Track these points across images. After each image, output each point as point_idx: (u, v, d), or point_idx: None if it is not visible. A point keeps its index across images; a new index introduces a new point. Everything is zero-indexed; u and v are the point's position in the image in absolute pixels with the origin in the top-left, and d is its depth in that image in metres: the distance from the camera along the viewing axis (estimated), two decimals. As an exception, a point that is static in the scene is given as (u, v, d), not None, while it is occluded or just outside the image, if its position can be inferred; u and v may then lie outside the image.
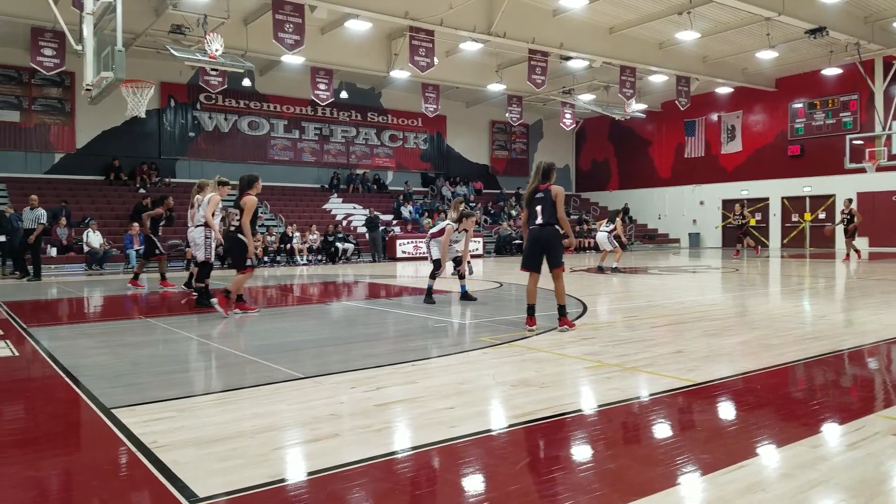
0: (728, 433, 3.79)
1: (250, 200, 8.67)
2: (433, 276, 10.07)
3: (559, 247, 7.12)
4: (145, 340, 7.08)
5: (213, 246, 10.32)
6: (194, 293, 10.57)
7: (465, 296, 10.06)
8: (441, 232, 9.93)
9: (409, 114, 31.85)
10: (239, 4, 18.98)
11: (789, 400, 4.53)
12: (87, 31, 9.92)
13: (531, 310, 7.17)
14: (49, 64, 18.19)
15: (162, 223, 13.32)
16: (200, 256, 10.33)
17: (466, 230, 10.01)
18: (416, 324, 8.14)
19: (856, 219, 19.74)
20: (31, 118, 23.65)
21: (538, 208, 7.07)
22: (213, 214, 10.01)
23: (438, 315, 8.72)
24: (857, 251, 19.90)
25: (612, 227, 16.43)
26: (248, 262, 8.84)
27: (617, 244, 16.33)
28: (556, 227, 7.09)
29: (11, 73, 23.29)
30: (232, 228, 8.85)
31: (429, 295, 9.95)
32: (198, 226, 10.38)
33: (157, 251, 13.10)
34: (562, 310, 7.20)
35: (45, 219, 15.80)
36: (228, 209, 9.06)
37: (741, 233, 22.59)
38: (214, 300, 9.14)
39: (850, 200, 20.85)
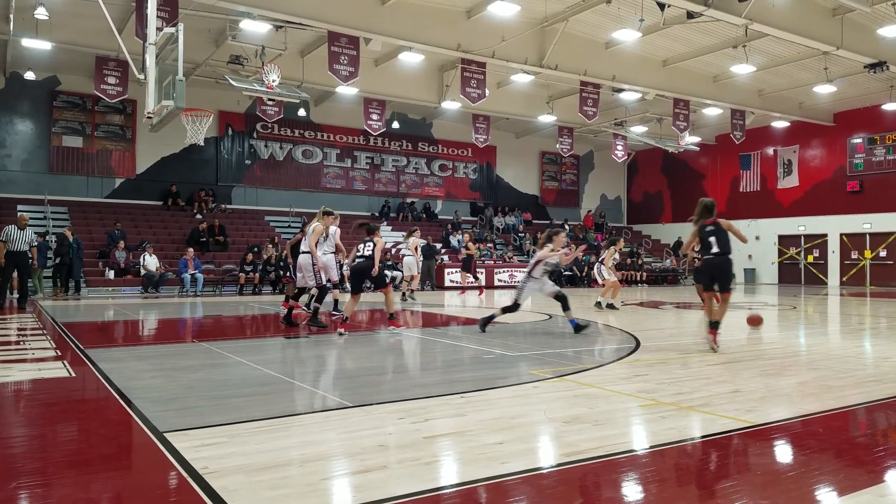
0: (789, 478, 3.63)
1: (381, 243, 10.19)
2: (505, 311, 9.90)
3: (731, 273, 8.27)
4: (199, 364, 7.16)
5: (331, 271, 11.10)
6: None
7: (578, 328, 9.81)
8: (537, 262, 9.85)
9: (460, 144, 32.03)
10: (296, 37, 19.41)
11: (853, 445, 4.34)
12: (150, 60, 10.21)
13: (717, 325, 8.09)
14: (112, 92, 18.79)
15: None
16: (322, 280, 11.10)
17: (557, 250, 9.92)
18: (465, 354, 8.07)
19: None
20: (94, 144, 24.47)
21: (712, 239, 8.06)
22: (316, 243, 10.67)
23: (487, 346, 8.64)
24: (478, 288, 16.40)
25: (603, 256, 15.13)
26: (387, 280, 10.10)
27: (608, 277, 14.93)
28: (730, 255, 8.13)
29: (76, 100, 24.19)
30: (366, 255, 10.04)
31: (487, 322, 9.87)
32: (327, 253, 11.28)
33: (288, 274, 13.88)
34: (716, 325, 8.11)
35: (35, 241, 15.26)
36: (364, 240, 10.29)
37: None
38: (396, 328, 10.19)
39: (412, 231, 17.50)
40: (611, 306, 14.54)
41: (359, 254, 10.15)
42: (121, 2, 16.15)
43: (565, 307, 9.80)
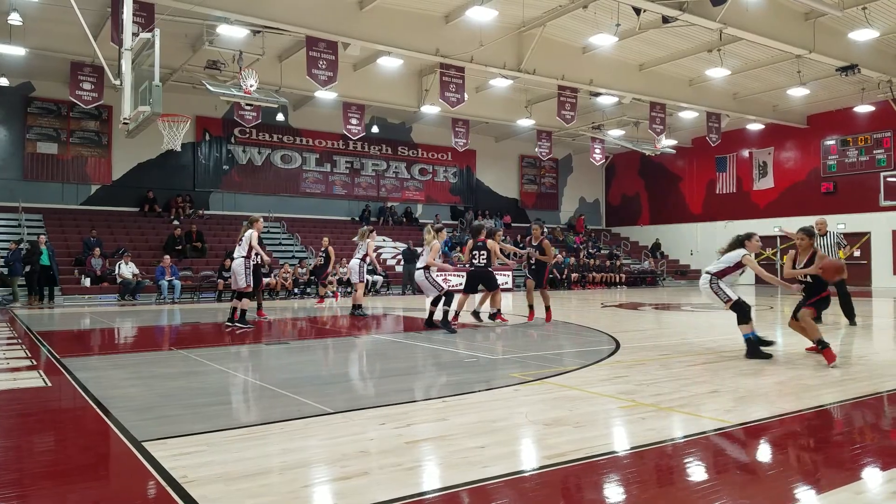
0: (768, 477, 3.68)
1: (493, 245, 11.27)
2: (742, 322, 7.80)
3: None
4: (177, 372, 7.10)
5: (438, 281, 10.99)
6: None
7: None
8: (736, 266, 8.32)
9: (439, 148, 32.05)
10: (274, 41, 19.32)
11: (830, 443, 4.40)
12: (126, 66, 10.10)
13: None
14: (87, 98, 18.58)
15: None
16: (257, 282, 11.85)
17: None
18: (446, 358, 8.07)
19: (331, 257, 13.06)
20: (69, 150, 24.17)
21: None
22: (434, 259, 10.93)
23: (468, 350, 8.65)
24: (333, 293, 13.14)
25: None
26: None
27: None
28: None
29: (51, 107, 23.89)
30: (482, 264, 11.09)
31: (760, 346, 7.72)
32: (236, 258, 11.29)
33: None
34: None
35: None
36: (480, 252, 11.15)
37: None
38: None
39: (368, 230, 14.39)
40: (477, 315, 11.92)
41: (475, 261, 11.17)
42: (96, 7, 16.00)
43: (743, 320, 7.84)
